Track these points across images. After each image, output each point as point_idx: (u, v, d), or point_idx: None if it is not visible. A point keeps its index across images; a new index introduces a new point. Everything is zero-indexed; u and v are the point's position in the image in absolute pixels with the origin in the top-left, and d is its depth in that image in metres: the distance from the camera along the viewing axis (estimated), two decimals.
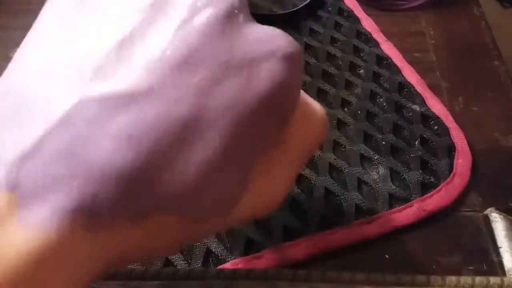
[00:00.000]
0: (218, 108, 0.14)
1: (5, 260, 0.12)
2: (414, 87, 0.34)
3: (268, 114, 0.15)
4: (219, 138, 0.14)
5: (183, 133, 0.13)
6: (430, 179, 0.28)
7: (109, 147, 0.12)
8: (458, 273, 0.24)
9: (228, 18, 0.15)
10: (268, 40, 0.15)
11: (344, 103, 0.34)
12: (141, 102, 0.13)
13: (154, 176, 0.13)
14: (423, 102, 0.33)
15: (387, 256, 0.25)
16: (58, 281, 0.12)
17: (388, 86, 0.34)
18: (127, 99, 0.13)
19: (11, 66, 0.15)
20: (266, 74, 0.15)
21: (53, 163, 0.12)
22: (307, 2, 0.41)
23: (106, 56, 0.14)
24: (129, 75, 0.13)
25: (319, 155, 0.30)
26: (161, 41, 0.14)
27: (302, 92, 0.18)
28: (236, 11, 0.15)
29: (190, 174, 0.14)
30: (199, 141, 0.14)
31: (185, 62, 0.14)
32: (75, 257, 0.13)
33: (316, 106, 0.19)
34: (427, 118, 0.32)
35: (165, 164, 0.13)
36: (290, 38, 0.16)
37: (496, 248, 0.25)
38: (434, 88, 0.34)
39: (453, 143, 0.30)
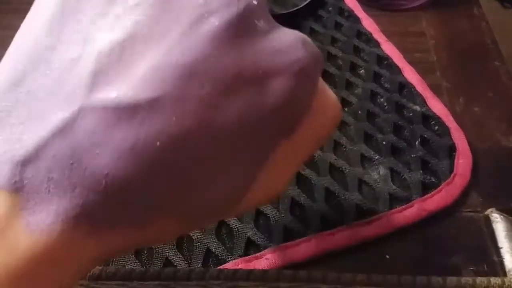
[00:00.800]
0: (225, 124, 0.13)
1: (10, 262, 0.12)
2: (414, 87, 0.34)
3: (276, 126, 0.15)
4: (222, 153, 0.14)
5: (186, 148, 0.13)
6: (430, 179, 0.28)
7: (111, 159, 0.12)
8: (458, 273, 0.24)
9: (242, 25, 0.14)
10: (285, 51, 0.14)
11: (345, 103, 0.33)
12: (144, 114, 0.12)
13: (156, 188, 0.13)
14: (423, 102, 0.33)
15: (387, 257, 0.25)
16: (61, 277, 0.13)
17: (388, 86, 0.34)
18: (130, 110, 0.12)
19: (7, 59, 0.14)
20: (279, 90, 0.14)
21: (55, 170, 0.12)
22: (307, 2, 0.41)
23: (107, 57, 0.13)
24: (133, 83, 0.12)
25: (320, 155, 0.30)
26: (167, 46, 0.13)
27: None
28: (252, 16, 0.14)
29: (192, 187, 0.14)
30: (203, 156, 0.13)
31: (192, 72, 0.13)
32: (77, 258, 0.13)
33: (330, 95, 0.18)
34: (428, 118, 0.32)
35: (168, 177, 0.13)
36: (310, 46, 0.15)
37: (497, 249, 0.25)
38: (435, 88, 0.34)
39: (453, 143, 0.30)
